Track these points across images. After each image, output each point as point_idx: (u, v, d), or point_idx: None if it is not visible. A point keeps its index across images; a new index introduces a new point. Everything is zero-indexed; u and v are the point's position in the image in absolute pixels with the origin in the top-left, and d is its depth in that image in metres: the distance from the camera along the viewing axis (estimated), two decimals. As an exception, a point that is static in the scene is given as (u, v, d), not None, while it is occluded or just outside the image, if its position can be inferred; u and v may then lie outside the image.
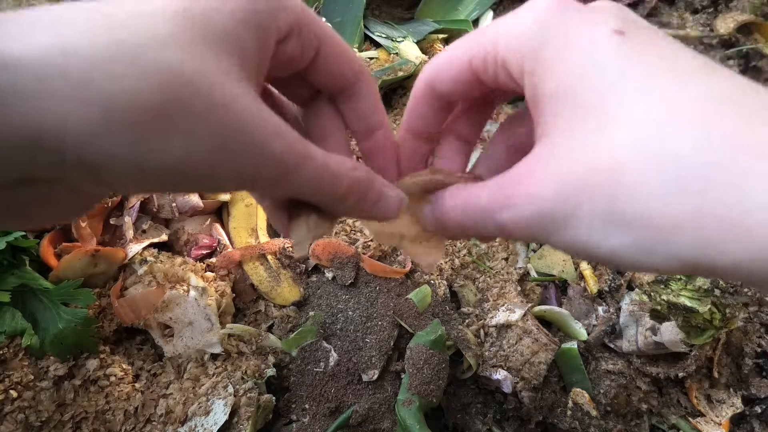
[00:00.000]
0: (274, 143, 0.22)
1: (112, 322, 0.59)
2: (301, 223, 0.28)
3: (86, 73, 0.18)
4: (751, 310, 0.70)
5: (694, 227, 0.19)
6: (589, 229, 0.22)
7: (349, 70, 0.29)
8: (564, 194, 0.23)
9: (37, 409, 0.53)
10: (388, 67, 0.78)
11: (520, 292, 0.68)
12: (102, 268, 0.59)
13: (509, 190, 0.25)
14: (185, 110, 0.19)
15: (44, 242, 0.57)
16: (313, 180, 0.24)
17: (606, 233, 0.22)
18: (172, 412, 0.56)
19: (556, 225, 0.23)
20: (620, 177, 0.21)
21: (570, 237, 0.23)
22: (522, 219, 0.24)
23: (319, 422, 0.58)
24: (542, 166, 0.24)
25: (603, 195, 0.21)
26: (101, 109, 0.18)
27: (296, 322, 0.64)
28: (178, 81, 0.19)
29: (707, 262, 0.20)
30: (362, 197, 0.27)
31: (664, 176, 0.20)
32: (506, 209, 0.25)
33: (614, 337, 0.66)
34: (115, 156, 0.19)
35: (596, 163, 0.22)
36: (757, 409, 0.67)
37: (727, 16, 0.95)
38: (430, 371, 0.57)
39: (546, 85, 0.24)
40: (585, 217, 0.22)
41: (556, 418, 0.63)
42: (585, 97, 0.23)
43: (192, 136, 0.20)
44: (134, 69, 0.18)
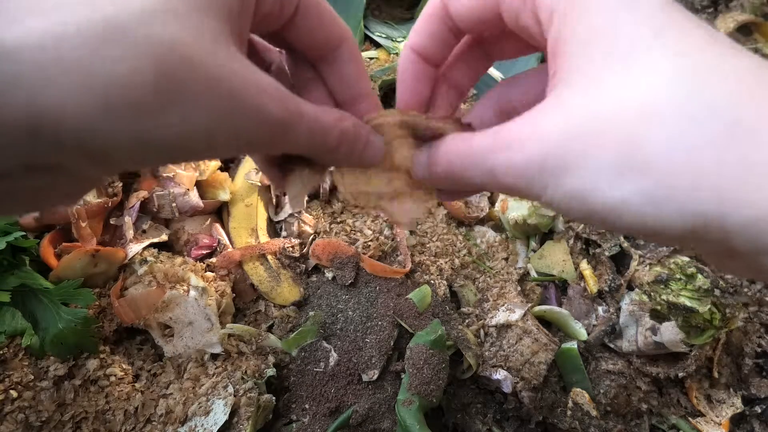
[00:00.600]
0: (269, 106, 0.22)
1: (112, 322, 0.59)
2: (295, 178, 0.29)
3: (81, 58, 0.18)
4: (751, 310, 0.70)
5: (716, 178, 0.19)
6: (600, 173, 0.21)
7: (330, 32, 0.29)
8: (576, 133, 0.21)
9: (37, 409, 0.53)
10: (388, 67, 0.78)
11: (520, 292, 0.68)
12: (102, 268, 0.59)
13: (511, 133, 0.24)
14: (181, 85, 0.19)
15: (44, 242, 0.57)
16: (307, 136, 0.25)
17: (619, 179, 0.20)
18: (172, 412, 0.56)
19: (559, 168, 0.22)
20: (643, 124, 0.20)
21: (573, 184, 0.22)
22: (520, 162, 0.23)
23: (319, 422, 0.58)
24: (554, 108, 0.23)
25: (621, 138, 0.20)
26: (99, 93, 0.18)
27: (296, 322, 0.64)
28: (171, 57, 0.19)
29: (719, 218, 0.19)
30: (351, 147, 0.27)
31: (694, 127, 0.19)
32: (504, 151, 0.23)
33: (614, 337, 0.66)
34: (115, 137, 0.19)
35: (617, 107, 0.21)
36: (757, 409, 0.67)
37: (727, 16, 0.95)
38: (430, 371, 0.57)
39: (579, 28, 0.23)
40: (597, 159, 0.21)
41: (556, 418, 0.63)
42: (615, 46, 0.22)
43: (189, 110, 0.20)
44: (127, 49, 0.18)
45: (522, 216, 0.69)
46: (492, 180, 0.24)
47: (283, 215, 0.69)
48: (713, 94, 0.20)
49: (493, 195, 0.78)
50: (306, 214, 0.68)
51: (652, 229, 0.21)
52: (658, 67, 0.21)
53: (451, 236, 0.71)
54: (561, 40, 0.24)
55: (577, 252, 0.71)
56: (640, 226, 0.21)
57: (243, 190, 0.68)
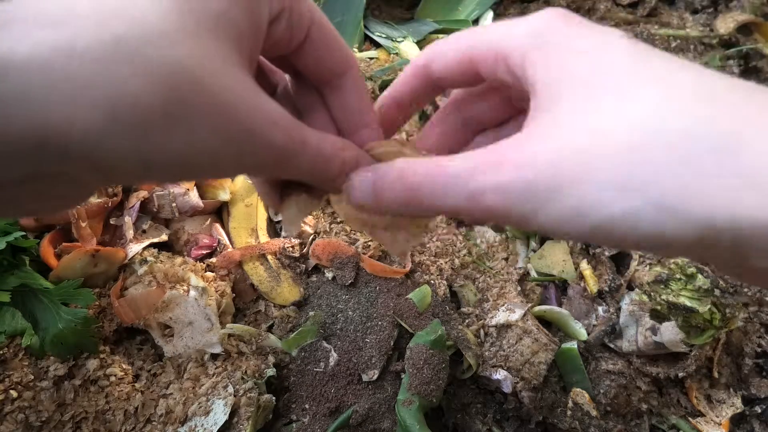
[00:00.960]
0: (274, 133, 0.22)
1: (112, 322, 0.59)
2: (291, 202, 0.29)
3: (89, 76, 0.18)
4: (751, 310, 0.70)
5: (729, 187, 0.19)
6: (602, 189, 0.21)
7: (337, 60, 0.29)
8: (570, 155, 0.22)
9: (37, 409, 0.53)
10: (388, 67, 0.78)
11: (520, 292, 0.68)
12: (102, 268, 0.59)
13: (497, 156, 0.23)
14: (188, 107, 0.20)
15: (44, 242, 0.57)
16: (309, 164, 0.25)
17: (622, 192, 0.20)
18: (172, 412, 0.56)
19: (553, 189, 0.22)
20: (643, 144, 0.20)
21: (564, 203, 0.21)
22: (511, 182, 0.22)
23: (319, 422, 0.58)
24: (541, 135, 0.23)
25: (622, 158, 0.21)
26: (107, 111, 0.18)
27: (296, 322, 0.64)
28: (180, 79, 0.19)
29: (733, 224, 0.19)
30: None
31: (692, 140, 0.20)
32: (493, 172, 0.23)
33: (614, 337, 0.66)
34: (120, 154, 0.19)
35: (613, 131, 0.21)
36: (757, 409, 0.67)
37: (727, 16, 0.95)
38: (430, 371, 0.57)
39: (552, 71, 0.24)
40: (597, 176, 0.21)
41: (556, 418, 0.63)
42: (598, 80, 0.22)
43: (195, 131, 0.20)
44: (136, 68, 0.19)
45: (522, 216, 0.69)
46: (471, 204, 0.23)
47: (283, 215, 0.69)
48: (703, 112, 0.20)
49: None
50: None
51: (662, 241, 0.21)
52: (647, 96, 0.21)
53: (451, 236, 0.71)
54: (538, 83, 0.24)
55: (577, 252, 0.71)
56: (650, 237, 0.21)
57: (243, 190, 0.68)
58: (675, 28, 0.96)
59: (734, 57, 0.92)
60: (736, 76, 0.92)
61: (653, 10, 0.99)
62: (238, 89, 0.21)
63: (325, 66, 0.29)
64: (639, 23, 0.97)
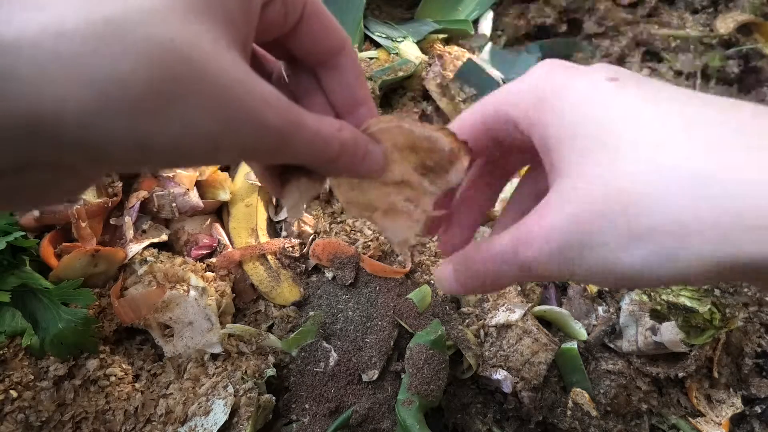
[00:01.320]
0: (270, 115, 0.22)
1: (112, 322, 0.59)
2: (292, 187, 0.28)
3: (80, 55, 0.18)
4: (751, 310, 0.70)
5: (714, 227, 0.20)
6: (611, 246, 0.23)
7: (332, 39, 0.29)
8: (582, 218, 0.23)
9: (37, 409, 0.53)
10: (388, 67, 0.78)
11: (520, 292, 0.68)
12: (102, 268, 0.59)
13: (528, 229, 0.26)
14: (180, 86, 0.19)
15: (44, 242, 0.57)
16: (307, 146, 0.25)
17: (628, 247, 0.22)
18: (172, 412, 0.56)
19: (577, 252, 0.24)
20: (636, 197, 0.22)
21: (592, 261, 0.23)
22: (544, 254, 0.25)
23: (319, 422, 0.58)
24: (557, 201, 0.25)
25: (621, 213, 0.22)
26: (97, 92, 0.18)
27: (296, 322, 0.64)
28: (171, 58, 0.19)
29: (732, 257, 0.20)
30: (350, 157, 0.27)
31: (678, 189, 0.21)
32: (528, 248, 0.25)
33: (614, 337, 0.66)
34: (114, 137, 0.19)
35: (611, 186, 0.23)
36: (757, 409, 0.67)
37: (727, 16, 0.95)
38: (430, 371, 0.57)
39: (551, 131, 0.25)
40: (605, 235, 0.23)
41: (556, 418, 0.63)
42: (591, 134, 0.24)
43: (189, 112, 0.20)
44: (126, 47, 0.18)
45: (522, 216, 0.69)
46: (527, 273, 0.26)
47: (283, 215, 0.69)
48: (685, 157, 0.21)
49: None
50: (306, 214, 0.68)
51: (679, 281, 0.22)
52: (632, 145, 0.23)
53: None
54: (545, 143, 0.26)
55: (577, 252, 0.71)
56: (666, 280, 0.22)
57: (243, 190, 0.68)
58: (675, 28, 0.96)
59: (734, 57, 0.92)
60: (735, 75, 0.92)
61: (653, 10, 0.99)
62: (231, 70, 0.21)
63: (321, 46, 0.29)
64: (639, 23, 0.97)
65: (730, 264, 0.21)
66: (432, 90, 0.80)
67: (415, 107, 0.80)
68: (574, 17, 0.99)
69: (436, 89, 0.79)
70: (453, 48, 0.90)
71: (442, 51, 0.88)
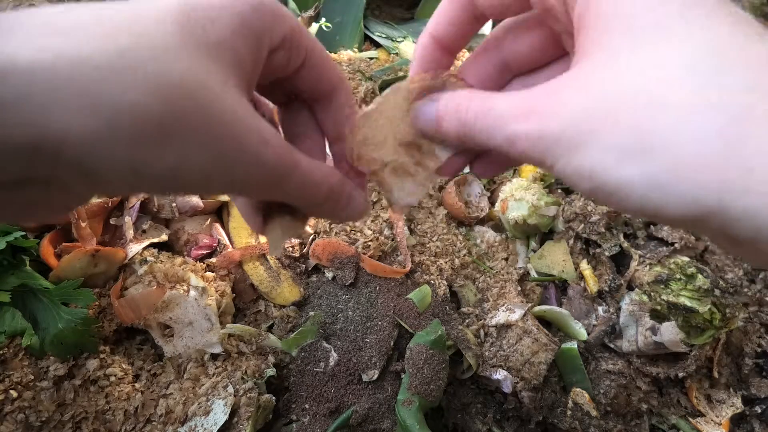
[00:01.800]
0: (267, 154, 0.23)
1: (112, 322, 0.59)
2: (275, 225, 0.29)
3: (91, 83, 0.18)
4: (751, 310, 0.70)
5: (719, 168, 0.19)
6: (608, 152, 0.21)
7: (330, 79, 0.30)
8: (591, 112, 0.22)
9: (37, 409, 0.53)
10: (388, 67, 0.78)
11: (520, 292, 0.68)
12: (102, 268, 0.59)
13: (533, 101, 0.24)
14: (185, 122, 0.20)
15: (44, 242, 0.57)
16: (298, 187, 0.26)
17: (625, 160, 0.21)
18: (172, 412, 0.56)
19: (572, 144, 0.22)
20: (658, 109, 0.20)
21: (583, 160, 0.22)
22: (538, 132, 0.23)
23: (319, 422, 0.58)
24: (574, 84, 0.23)
25: (632, 122, 0.21)
26: (106, 119, 0.19)
27: (296, 322, 0.64)
28: (179, 94, 0.20)
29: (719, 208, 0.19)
30: (335, 203, 0.28)
31: (704, 116, 0.20)
32: (524, 120, 0.24)
33: (614, 337, 0.66)
34: (113, 162, 0.20)
35: (634, 89, 0.21)
36: (757, 409, 0.67)
37: (727, 16, 0.95)
38: (430, 371, 0.57)
39: (602, 3, 0.23)
40: (608, 140, 0.21)
41: (556, 418, 0.63)
42: (643, 21, 0.22)
43: (188, 146, 0.21)
44: (138, 79, 0.19)
45: (522, 216, 0.69)
46: (508, 146, 0.25)
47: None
48: (728, 82, 0.20)
49: (493, 195, 0.78)
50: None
51: (653, 212, 0.21)
52: (678, 48, 0.21)
53: (451, 236, 0.71)
54: (585, 16, 0.24)
55: (577, 252, 0.71)
56: (642, 207, 0.21)
57: (243, 190, 0.68)
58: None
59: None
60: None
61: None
62: (234, 108, 0.22)
63: (319, 86, 0.30)
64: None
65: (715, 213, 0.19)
66: (432, 90, 0.79)
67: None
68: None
69: (436, 89, 0.79)
70: (453, 48, 0.90)
71: None
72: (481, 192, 0.76)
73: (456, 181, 0.74)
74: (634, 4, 0.22)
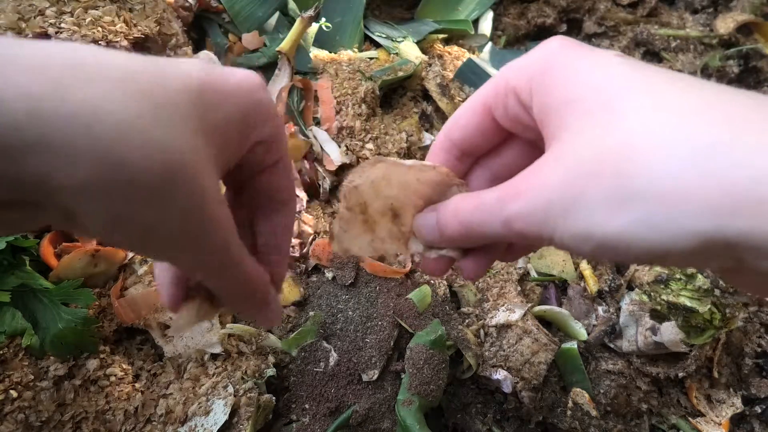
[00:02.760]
0: (224, 241, 0.25)
1: (112, 322, 0.59)
2: (192, 307, 0.29)
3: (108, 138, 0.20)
4: (751, 310, 0.70)
5: (703, 198, 0.20)
6: (597, 208, 0.22)
7: (287, 193, 0.32)
8: (572, 177, 0.23)
9: (37, 409, 0.53)
10: (388, 67, 0.78)
11: (520, 292, 0.68)
12: (102, 268, 0.59)
13: (519, 184, 0.26)
14: (172, 189, 0.22)
15: (44, 242, 0.57)
16: (233, 280, 0.27)
17: (615, 211, 0.22)
18: (172, 412, 0.56)
19: (563, 210, 0.23)
20: (631, 157, 0.21)
21: (576, 223, 0.23)
22: (528, 208, 0.24)
23: (319, 422, 0.58)
24: (551, 160, 0.25)
25: (612, 174, 0.22)
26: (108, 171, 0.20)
27: (296, 322, 0.64)
28: (176, 164, 0.22)
29: (717, 233, 0.20)
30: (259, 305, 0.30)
31: (674, 154, 0.21)
32: (514, 201, 0.25)
33: (614, 337, 0.66)
34: (98, 211, 0.21)
35: (605, 148, 0.22)
36: (757, 409, 0.67)
37: (727, 16, 0.95)
38: (430, 371, 0.57)
39: (555, 95, 0.25)
40: (593, 195, 0.22)
41: (556, 418, 0.63)
42: (594, 99, 0.24)
43: (167, 211, 0.22)
44: (146, 144, 0.21)
45: (522, 216, 0.69)
46: (508, 229, 0.26)
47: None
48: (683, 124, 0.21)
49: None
50: (306, 214, 0.68)
51: (664, 254, 0.22)
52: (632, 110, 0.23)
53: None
54: (545, 108, 0.26)
55: (577, 252, 0.71)
56: (650, 252, 0.22)
57: (243, 190, 0.68)
58: (675, 28, 0.96)
59: (734, 57, 0.92)
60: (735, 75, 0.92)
61: (653, 10, 0.99)
62: (212, 189, 0.24)
63: (276, 194, 0.32)
64: (639, 23, 0.97)
65: (715, 239, 0.20)
66: (432, 90, 0.80)
67: (414, 107, 0.80)
68: (574, 17, 0.99)
69: (436, 89, 0.79)
70: (453, 48, 0.90)
71: (442, 51, 0.88)
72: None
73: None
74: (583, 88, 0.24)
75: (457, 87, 0.84)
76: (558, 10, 0.97)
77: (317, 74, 0.78)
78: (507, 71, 0.29)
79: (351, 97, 0.73)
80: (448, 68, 0.85)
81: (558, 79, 0.26)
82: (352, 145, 0.71)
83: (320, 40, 0.84)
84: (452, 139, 0.32)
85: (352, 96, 0.73)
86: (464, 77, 0.85)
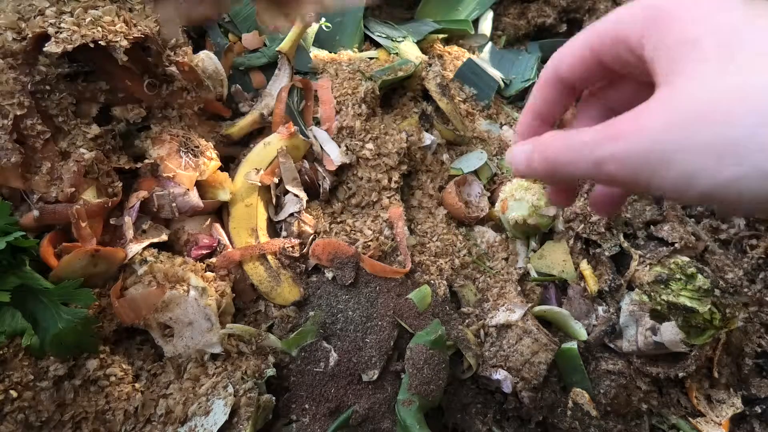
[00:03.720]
0: None
1: (112, 322, 0.59)
2: None
3: None
4: (751, 310, 0.70)
5: None
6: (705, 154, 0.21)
7: None
8: (679, 121, 0.22)
9: (37, 409, 0.53)
10: (388, 67, 0.78)
11: (520, 292, 0.68)
12: (102, 268, 0.59)
13: (618, 126, 0.25)
14: None
15: (44, 242, 0.57)
16: None
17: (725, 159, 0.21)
18: (172, 412, 0.56)
19: (664, 154, 0.23)
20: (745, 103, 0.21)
21: (680, 169, 0.22)
22: (626, 151, 0.24)
23: (319, 422, 0.58)
24: (658, 104, 0.24)
25: (724, 120, 0.21)
26: None
27: (296, 322, 0.64)
28: None
29: None
30: None
31: None
32: (611, 143, 0.25)
33: (614, 337, 0.66)
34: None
35: (718, 92, 0.22)
36: (757, 409, 0.67)
37: (727, 16, 0.95)
38: (430, 371, 0.57)
39: (671, 36, 0.24)
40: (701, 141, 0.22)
41: (556, 418, 0.63)
42: (711, 41, 0.23)
43: None
44: None
45: (522, 216, 0.69)
46: (597, 171, 0.26)
47: (283, 215, 0.69)
48: None
49: (493, 195, 0.78)
50: (306, 214, 0.68)
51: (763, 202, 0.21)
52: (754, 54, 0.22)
53: (451, 236, 0.71)
54: (656, 56, 0.25)
55: (577, 252, 0.71)
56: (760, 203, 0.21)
57: (243, 190, 0.68)
58: (675, 28, 0.96)
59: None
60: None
61: (653, 10, 0.99)
62: None
63: None
64: (639, 23, 0.97)
65: None
66: (432, 90, 0.79)
67: (414, 107, 0.80)
68: (574, 17, 0.99)
69: (436, 89, 0.79)
70: (453, 48, 0.90)
71: (442, 51, 0.88)
72: (481, 192, 0.76)
73: (456, 181, 0.74)
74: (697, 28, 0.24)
75: (457, 87, 0.84)
76: (558, 10, 0.97)
77: (317, 74, 0.78)
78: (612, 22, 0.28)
79: (351, 97, 0.73)
80: (448, 68, 0.85)
81: (671, 27, 0.25)
82: (352, 145, 0.71)
83: (320, 40, 0.84)
84: (560, 75, 0.31)
85: (352, 96, 0.73)
86: (464, 77, 0.85)
